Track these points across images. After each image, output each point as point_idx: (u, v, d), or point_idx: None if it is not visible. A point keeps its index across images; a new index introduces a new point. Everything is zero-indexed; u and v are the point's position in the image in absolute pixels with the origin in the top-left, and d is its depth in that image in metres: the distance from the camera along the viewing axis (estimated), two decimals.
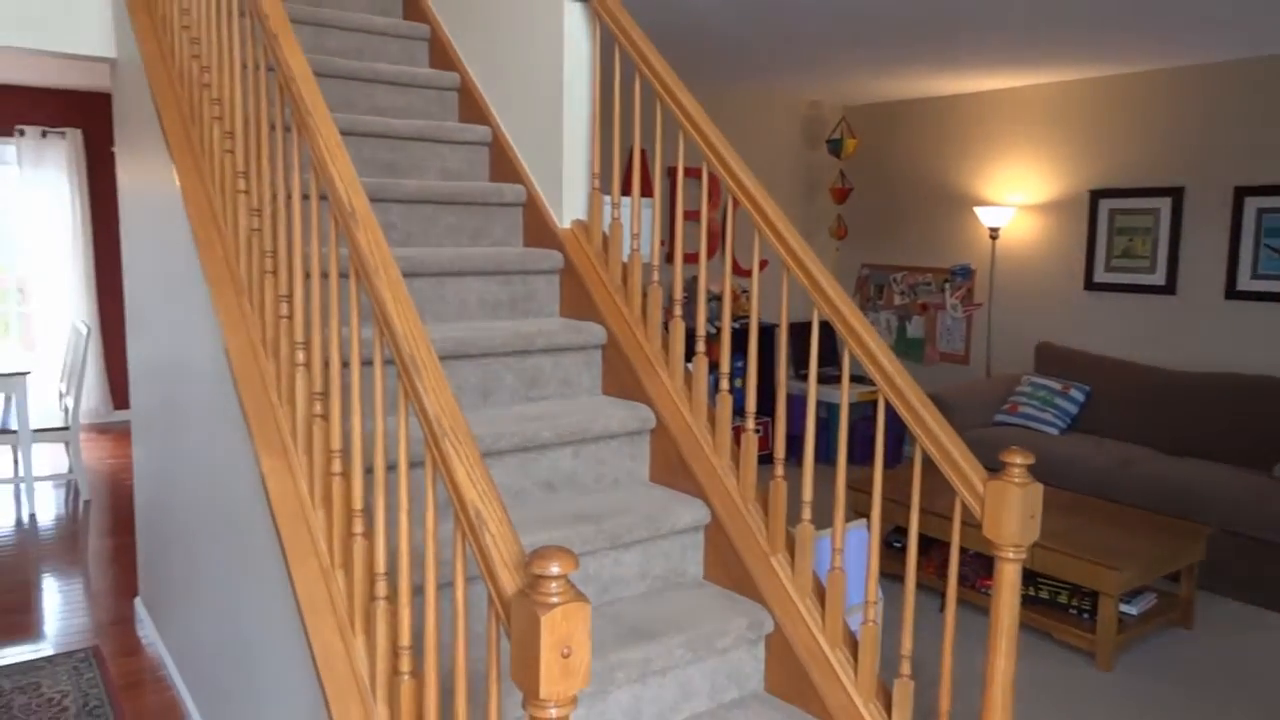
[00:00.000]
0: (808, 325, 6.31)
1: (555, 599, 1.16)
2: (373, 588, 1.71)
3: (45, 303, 6.83)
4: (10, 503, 5.21)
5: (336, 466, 1.86)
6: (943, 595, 4.04)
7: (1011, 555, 1.82)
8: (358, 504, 1.78)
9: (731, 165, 2.39)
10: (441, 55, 3.51)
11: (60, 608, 3.86)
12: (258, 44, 2.17)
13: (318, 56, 3.15)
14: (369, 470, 1.96)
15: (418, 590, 1.86)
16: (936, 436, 1.94)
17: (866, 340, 2.08)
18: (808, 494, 2.22)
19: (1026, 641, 3.67)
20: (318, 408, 1.94)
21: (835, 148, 6.57)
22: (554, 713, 1.16)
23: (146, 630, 3.54)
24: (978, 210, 6.05)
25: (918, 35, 4.59)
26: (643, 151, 2.74)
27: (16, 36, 3.03)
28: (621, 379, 2.68)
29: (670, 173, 5.90)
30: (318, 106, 1.84)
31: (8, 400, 5.33)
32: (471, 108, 3.35)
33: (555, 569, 1.17)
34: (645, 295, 2.69)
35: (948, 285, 6.49)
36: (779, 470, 2.29)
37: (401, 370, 1.54)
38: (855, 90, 6.34)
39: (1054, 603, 3.69)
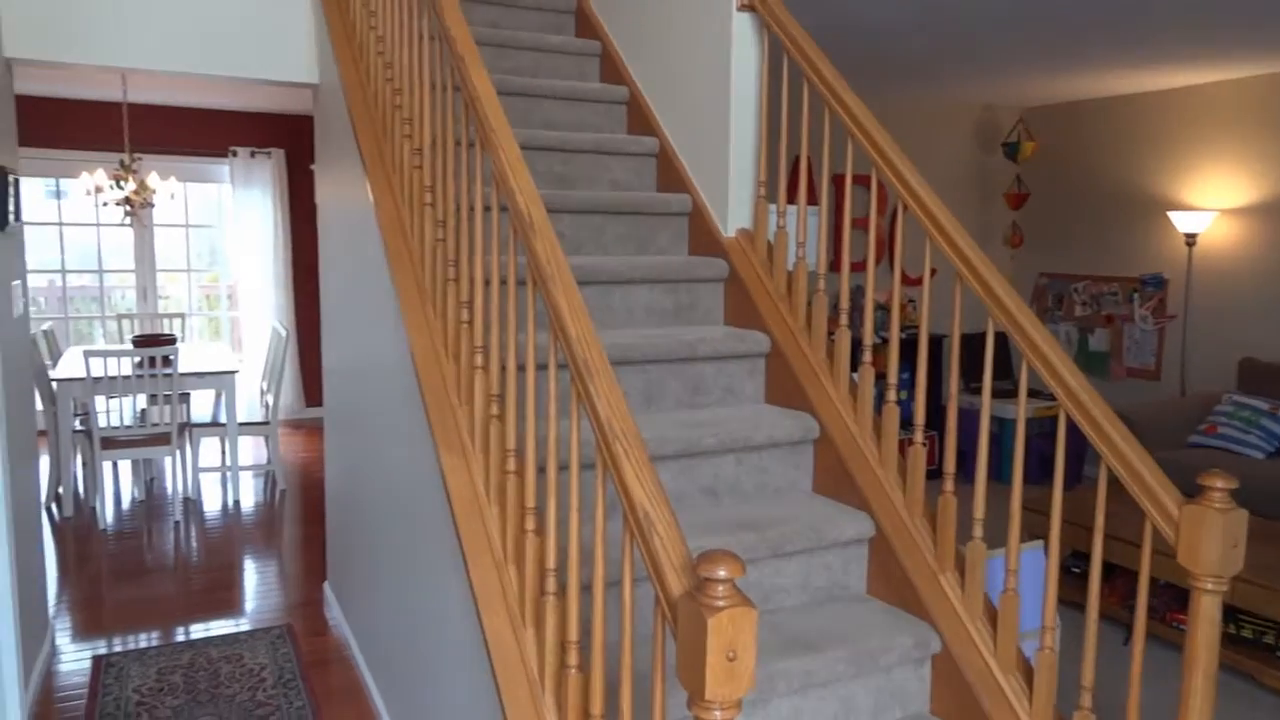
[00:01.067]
0: (978, 337, 6.05)
1: (722, 602, 1.18)
2: (543, 583, 1.78)
3: (250, 307, 7.48)
4: (218, 489, 5.73)
5: (511, 465, 1.95)
6: (1128, 627, 3.77)
7: (1210, 586, 1.68)
8: (530, 502, 1.86)
9: (901, 170, 2.34)
10: (611, 70, 3.61)
11: (258, 587, 4.21)
12: (445, 66, 2.31)
13: (496, 75, 3.31)
14: (541, 470, 2.04)
15: (586, 587, 1.92)
16: (1124, 455, 1.83)
17: (1047, 352, 1.99)
18: (979, 511, 2.14)
19: (1226, 683, 3.38)
20: (494, 409, 2.04)
21: (1011, 151, 6.28)
22: (719, 715, 1.18)
23: (333, 612, 3.81)
24: (1172, 215, 5.63)
25: (1101, 30, 4.32)
26: (809, 159, 2.72)
27: (236, 67, 3.35)
28: (785, 388, 2.67)
29: (837, 180, 5.81)
30: (500, 124, 1.94)
31: (218, 396, 5.88)
32: (640, 120, 3.43)
33: (723, 573, 1.18)
34: (810, 304, 2.67)
35: (1136, 295, 6.07)
36: (948, 485, 2.21)
37: (575, 374, 1.60)
38: (1033, 91, 6.04)
39: (1259, 643, 3.38)
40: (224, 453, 5.86)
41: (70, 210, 7.10)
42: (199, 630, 3.70)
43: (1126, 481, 1.82)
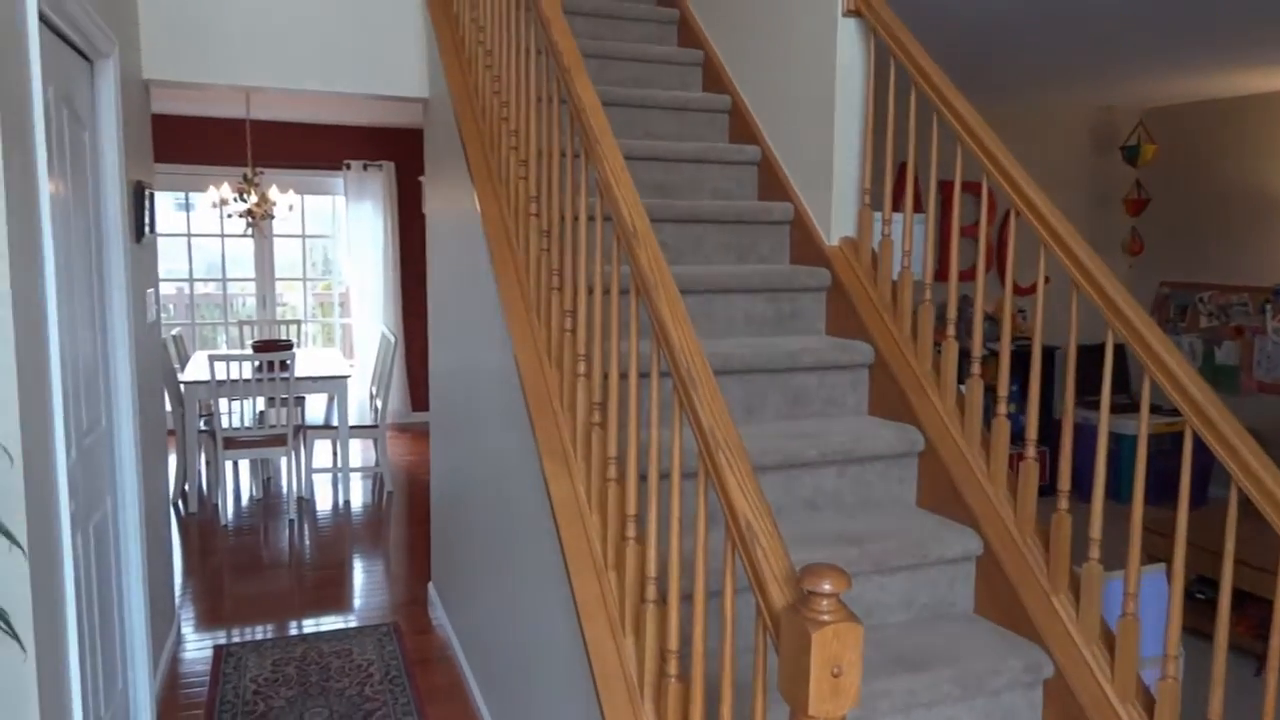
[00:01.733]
0: (1094, 348, 5.79)
1: (827, 617, 1.16)
2: (643, 591, 1.79)
3: (361, 314, 7.76)
4: (329, 489, 5.96)
5: (612, 473, 1.96)
6: (1260, 658, 3.54)
7: None
8: (631, 510, 1.87)
9: (1014, 175, 2.27)
10: (714, 79, 3.62)
11: (365, 585, 4.36)
12: (551, 78, 2.35)
13: (599, 87, 3.35)
14: (643, 478, 2.05)
15: (686, 596, 1.92)
16: (1256, 474, 1.72)
17: (1171, 365, 1.89)
18: (1096, 531, 2.04)
19: None
20: (596, 416, 2.06)
21: (1131, 155, 6.01)
22: None
23: (437, 613, 3.91)
24: None
25: (1234, 25, 4.09)
26: (915, 166, 2.66)
27: (353, 84, 3.50)
28: (889, 399, 2.62)
29: (944, 187, 5.66)
30: (605, 135, 1.96)
31: (331, 400, 6.11)
32: (742, 128, 3.42)
33: (827, 586, 1.16)
34: (916, 314, 2.60)
35: (1269, 306, 5.71)
36: (1063, 503, 2.13)
37: (678, 383, 1.60)
38: (1154, 91, 5.76)
39: None
40: (335, 454, 6.09)
41: (197, 222, 7.51)
42: (310, 625, 3.85)
43: (1260, 502, 1.72)
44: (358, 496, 5.81)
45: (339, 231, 7.92)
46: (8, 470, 1.62)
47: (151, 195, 3.24)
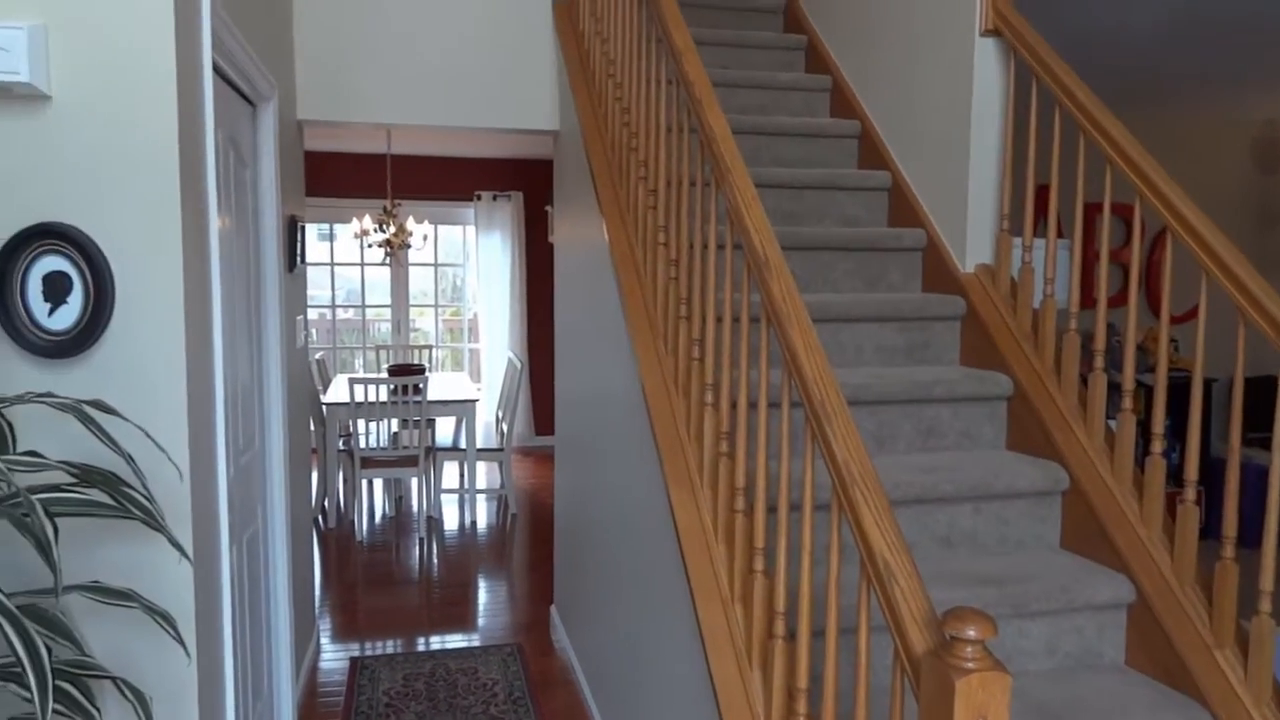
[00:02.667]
0: (1262, 380, 5.38)
1: (971, 664, 1.11)
2: (771, 625, 1.76)
3: (488, 339, 8.00)
4: (456, 510, 6.14)
5: (739, 504, 1.94)
6: None
7: None
8: (759, 542, 1.85)
9: (1169, 196, 2.14)
10: (842, 104, 3.58)
11: (489, 605, 4.45)
12: (680, 109, 2.38)
13: (727, 115, 3.36)
14: (772, 510, 2.02)
15: (817, 632, 1.88)
16: None
17: None
18: (1267, 582, 1.89)
19: None
20: (724, 446, 2.05)
21: None
22: None
23: (559, 635, 3.95)
24: None
25: None
26: (1057, 189, 2.55)
27: (488, 119, 3.64)
28: (1029, 434, 2.50)
29: (1088, 210, 5.40)
30: (736, 164, 1.96)
31: (459, 423, 6.31)
32: (871, 154, 3.37)
33: (972, 632, 1.11)
34: (1059, 344, 2.49)
35: None
36: (1228, 550, 1.97)
37: (810, 415, 1.58)
38: None
39: None
40: (462, 476, 6.27)
41: (339, 251, 7.93)
42: (438, 642, 3.96)
43: None
44: (483, 517, 5.96)
45: (469, 259, 8.21)
46: (178, 486, 1.74)
47: (303, 228, 3.45)
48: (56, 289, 1.68)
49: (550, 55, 3.68)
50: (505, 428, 5.98)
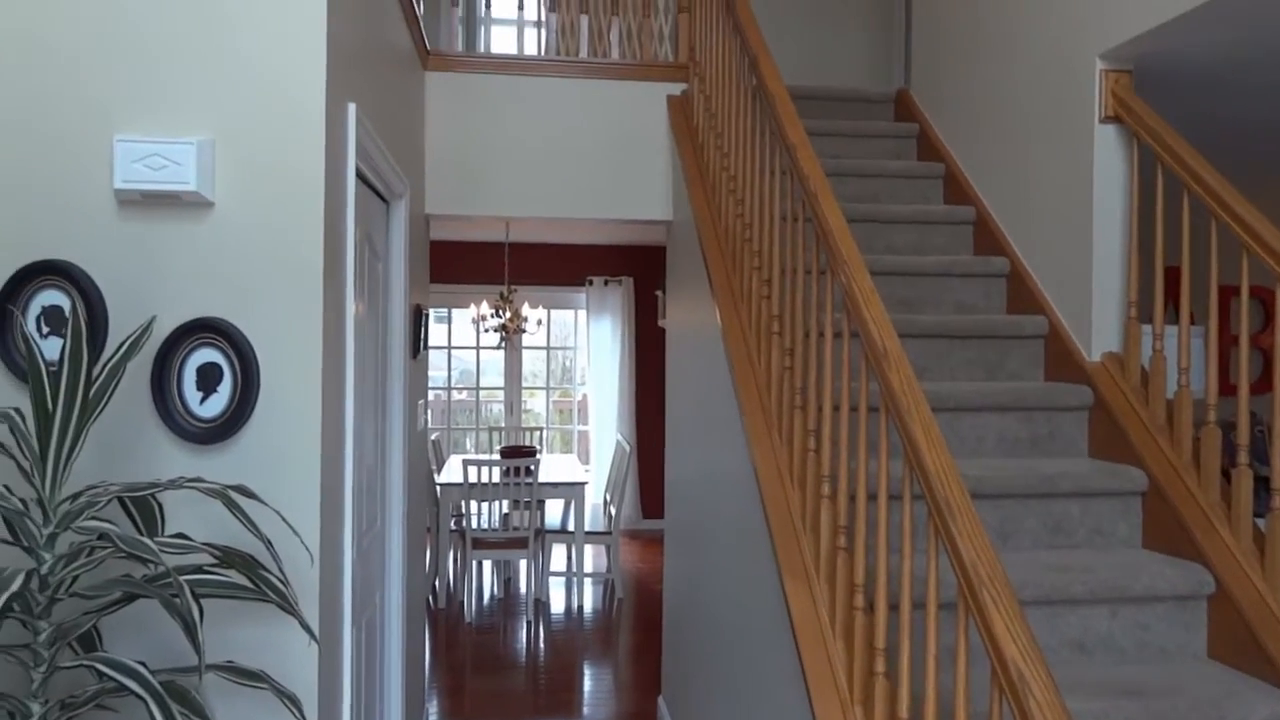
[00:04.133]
0: None
1: None
2: None
3: (598, 422, 8.09)
4: (563, 593, 6.14)
5: (859, 601, 1.89)
6: None
7: None
8: (880, 642, 1.78)
9: None
10: (956, 191, 3.55)
11: (595, 692, 4.40)
12: (794, 199, 2.41)
13: (840, 203, 3.39)
14: (893, 607, 1.96)
15: None
16: None
17: None
18: None
19: None
20: (842, 540, 2.01)
21: None
22: None
23: None
24: None
25: None
26: (1189, 275, 2.46)
27: (603, 210, 3.77)
28: (1168, 532, 2.36)
29: (1223, 293, 5.14)
30: (853, 257, 1.97)
31: (567, 505, 6.36)
32: (987, 240, 3.32)
33: None
34: (1198, 437, 2.35)
35: None
36: None
37: (934, 511, 1.54)
38: None
39: None
40: (570, 559, 6.30)
41: (455, 334, 8.23)
42: None
43: None
44: (590, 601, 5.94)
45: (580, 342, 8.39)
46: (308, 569, 1.82)
47: (427, 316, 3.61)
48: (208, 379, 1.80)
49: (665, 148, 3.80)
50: (613, 510, 5.99)
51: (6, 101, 1.77)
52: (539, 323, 6.79)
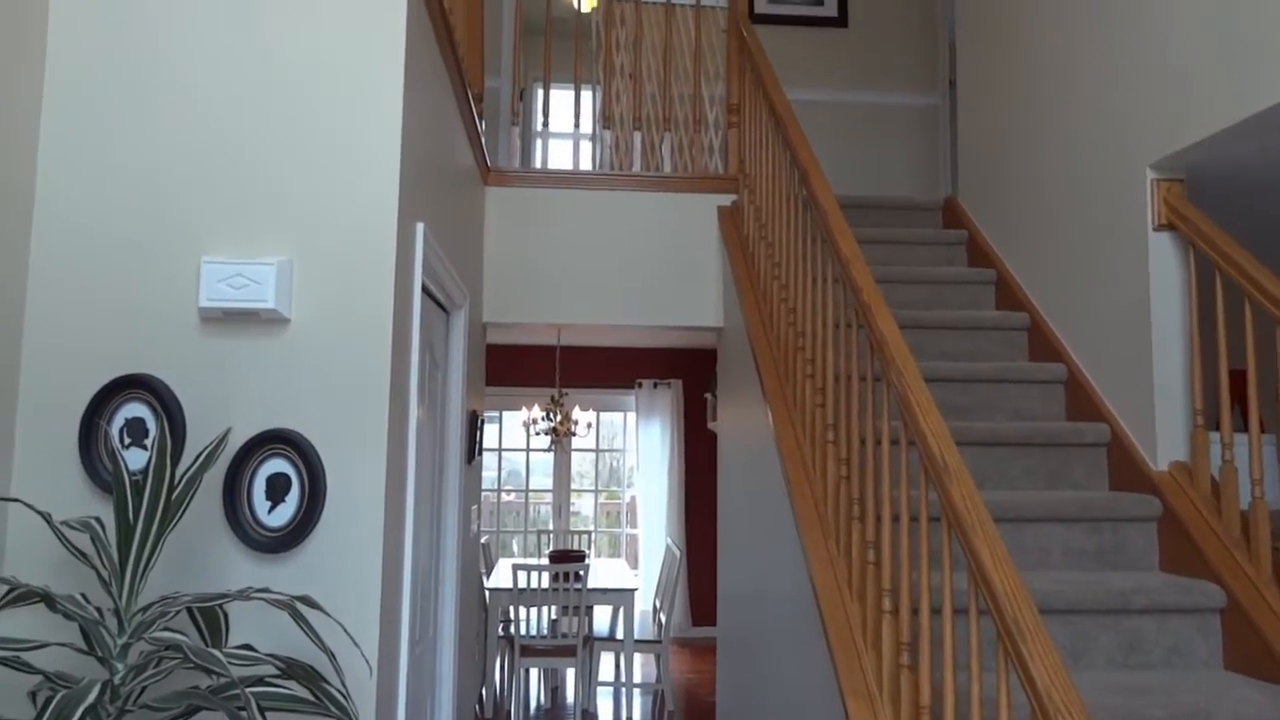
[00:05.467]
0: None
1: None
2: None
3: (646, 525, 8.02)
4: (611, 703, 5.98)
5: None
6: None
7: None
8: None
9: None
10: (1008, 296, 3.56)
11: None
12: (848, 307, 2.44)
13: (891, 310, 3.41)
14: None
15: None
16: None
17: None
18: None
19: None
20: (904, 658, 1.95)
21: None
22: None
23: None
24: None
25: None
26: (1256, 381, 2.41)
27: (655, 317, 3.83)
28: (1251, 653, 2.25)
29: None
30: (908, 367, 1.98)
31: (615, 611, 6.26)
32: (1042, 346, 3.30)
33: None
34: (1277, 550, 2.27)
35: None
36: None
37: (1003, 631, 1.49)
38: None
39: None
40: (618, 667, 6.15)
41: (506, 436, 8.30)
42: None
43: None
44: (639, 712, 5.77)
45: (628, 444, 8.39)
46: (365, 682, 1.82)
47: (482, 422, 3.66)
48: (277, 489, 1.85)
49: (716, 257, 3.88)
50: (663, 618, 5.87)
51: (104, 226, 1.89)
52: (589, 426, 6.83)
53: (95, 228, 1.89)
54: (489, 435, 8.26)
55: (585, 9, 6.64)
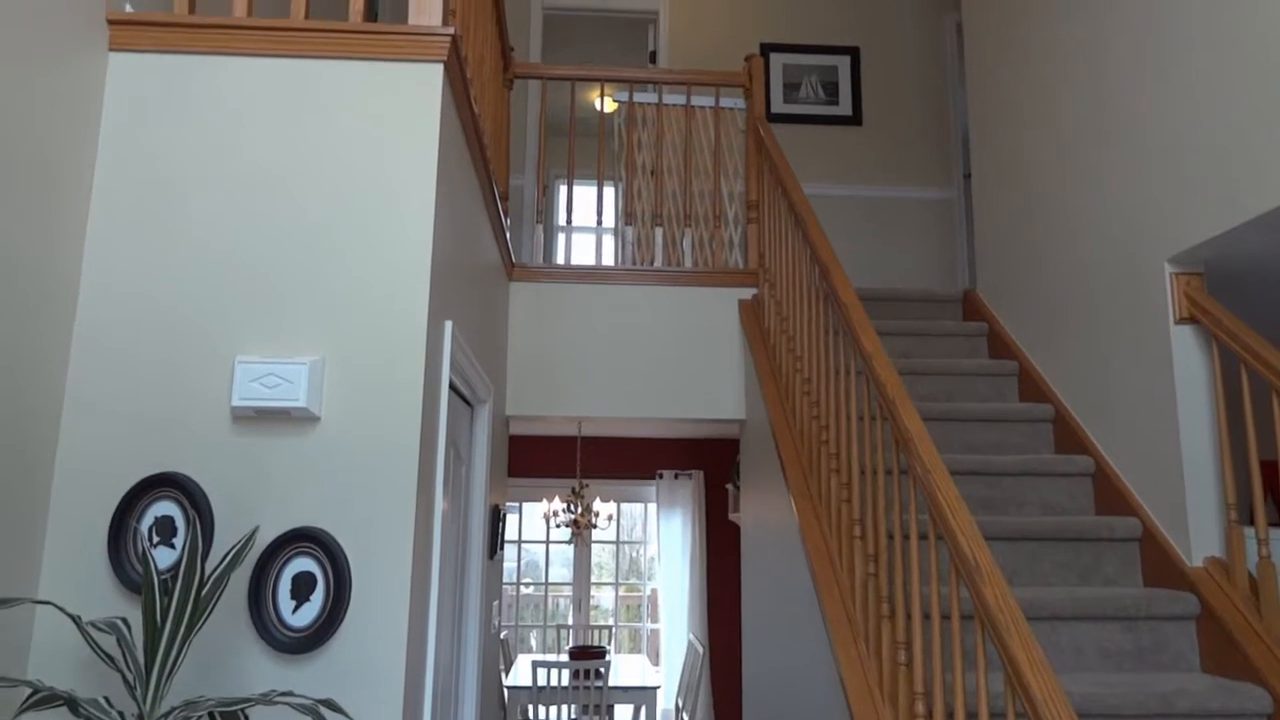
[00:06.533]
0: None
1: None
2: None
3: (668, 619, 7.85)
4: None
5: None
6: None
7: None
8: None
9: None
10: (1031, 388, 3.55)
11: None
12: (871, 400, 2.44)
13: (914, 403, 3.41)
14: None
15: None
16: None
17: None
18: None
19: None
20: None
21: None
22: None
23: None
24: None
25: None
26: None
27: (677, 410, 3.84)
28: None
29: None
30: (935, 464, 1.97)
31: (636, 710, 6.08)
32: (1068, 438, 3.28)
33: None
34: None
35: None
36: None
37: None
38: None
39: None
40: None
41: (523, 526, 8.23)
42: None
43: None
44: None
45: (649, 536, 8.29)
46: None
47: (504, 516, 3.65)
48: (302, 588, 1.84)
49: (737, 349, 3.91)
50: (686, 717, 5.70)
51: (143, 328, 1.94)
52: (609, 518, 6.77)
53: (134, 330, 1.94)
54: (508, 526, 8.20)
55: (608, 109, 6.87)
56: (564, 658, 5.75)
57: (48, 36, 1.83)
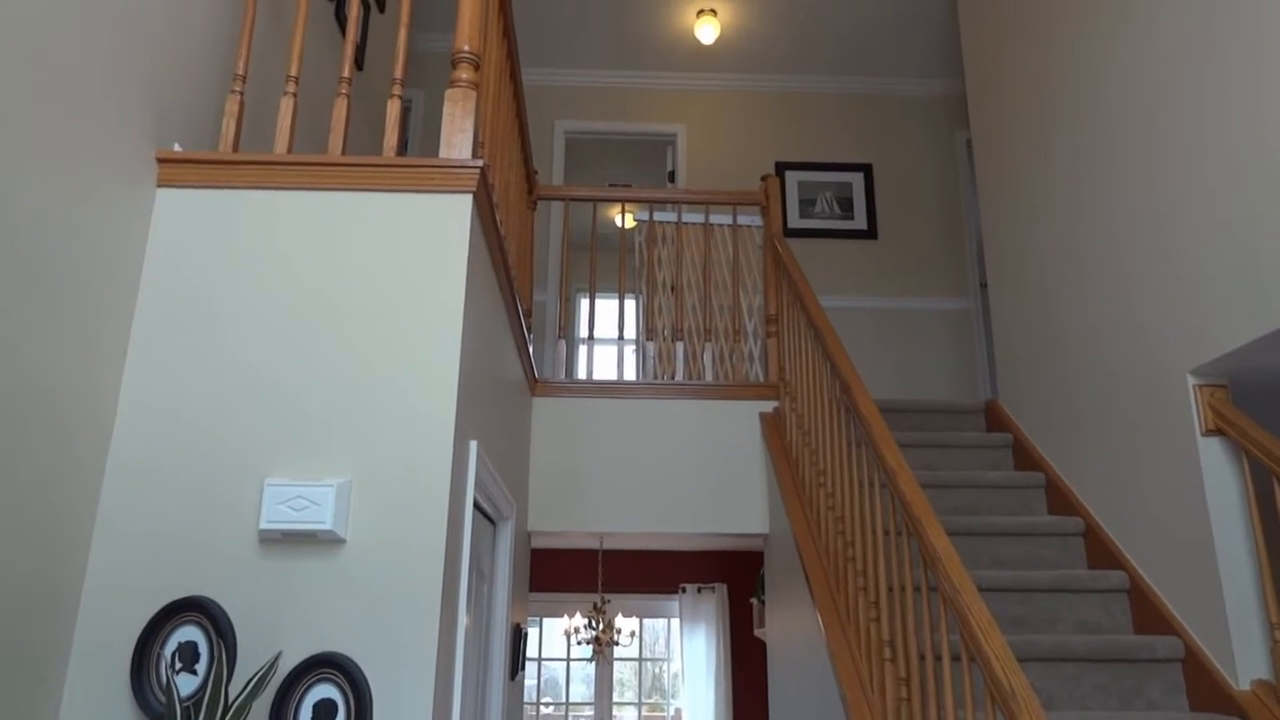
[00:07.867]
0: None
1: None
2: None
3: None
4: None
5: None
6: None
7: None
8: None
9: None
10: (1059, 501, 3.50)
11: None
12: (896, 515, 2.41)
13: (939, 516, 3.36)
14: None
15: None
16: None
17: None
18: None
19: None
20: None
21: None
22: None
23: None
24: None
25: None
26: None
27: (699, 525, 3.81)
28: None
29: None
30: (964, 585, 1.94)
31: None
32: (1100, 552, 3.21)
33: None
34: None
35: None
36: None
37: None
38: None
39: None
40: None
41: (543, 642, 8.04)
42: None
43: None
44: None
45: (672, 652, 8.08)
46: None
47: (525, 636, 3.58)
48: (323, 715, 1.81)
49: (760, 463, 3.90)
50: None
51: (174, 453, 1.98)
52: (632, 634, 6.62)
53: (168, 454, 1.97)
54: (528, 643, 8.02)
55: (628, 226, 7.06)
56: None
57: (100, 172, 1.93)
